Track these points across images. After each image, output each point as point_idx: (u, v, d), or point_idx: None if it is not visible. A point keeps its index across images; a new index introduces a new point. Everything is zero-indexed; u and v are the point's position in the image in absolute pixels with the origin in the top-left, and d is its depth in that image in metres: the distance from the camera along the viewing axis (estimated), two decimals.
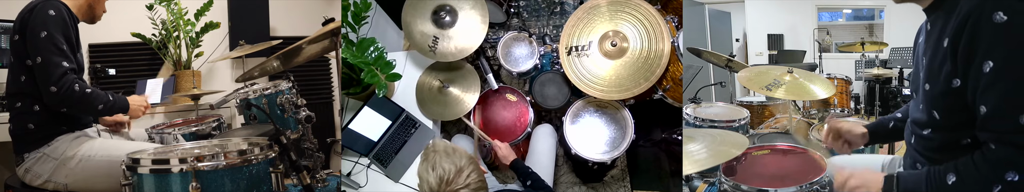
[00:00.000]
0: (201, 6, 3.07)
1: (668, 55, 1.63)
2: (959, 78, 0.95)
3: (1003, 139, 0.90)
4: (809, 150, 1.65)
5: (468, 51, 2.11)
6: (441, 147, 1.33)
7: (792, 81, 2.17)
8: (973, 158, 0.95)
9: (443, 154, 1.30)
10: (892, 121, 1.37)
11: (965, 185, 0.94)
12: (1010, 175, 0.88)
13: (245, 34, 3.22)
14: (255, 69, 2.20)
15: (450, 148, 1.33)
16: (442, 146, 1.33)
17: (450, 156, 1.29)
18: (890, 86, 3.87)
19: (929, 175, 1.00)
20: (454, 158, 1.29)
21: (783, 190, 1.46)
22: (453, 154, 1.30)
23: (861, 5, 5.62)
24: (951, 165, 0.98)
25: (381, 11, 2.57)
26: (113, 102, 1.64)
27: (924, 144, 1.12)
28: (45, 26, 1.56)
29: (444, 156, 1.30)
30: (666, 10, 1.86)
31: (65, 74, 1.54)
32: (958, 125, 1.01)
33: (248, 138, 1.79)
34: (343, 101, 2.55)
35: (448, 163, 1.27)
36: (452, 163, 1.27)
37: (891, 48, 4.32)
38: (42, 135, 1.66)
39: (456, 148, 1.34)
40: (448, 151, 1.31)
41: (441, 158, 1.29)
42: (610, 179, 2.09)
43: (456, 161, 1.28)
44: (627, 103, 1.88)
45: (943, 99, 1.01)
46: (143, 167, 1.48)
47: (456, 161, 1.28)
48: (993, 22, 0.88)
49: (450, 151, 1.31)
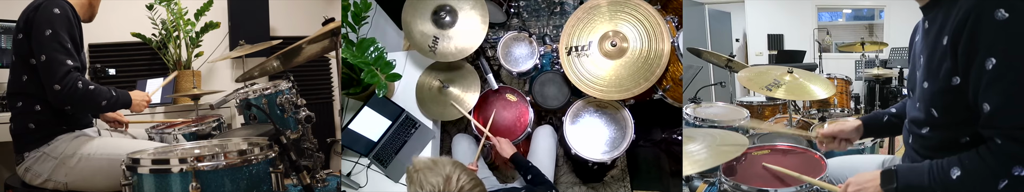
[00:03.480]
0: (201, 6, 3.07)
1: (668, 55, 1.63)
2: (959, 76, 0.95)
3: (1009, 135, 0.90)
4: (809, 150, 1.65)
5: (468, 51, 2.11)
6: (421, 165, 1.27)
7: (792, 81, 2.17)
8: (978, 152, 0.94)
9: (426, 171, 1.24)
10: (886, 115, 1.38)
11: (971, 179, 0.93)
12: (1017, 169, 0.87)
13: (245, 34, 3.22)
14: (255, 69, 2.20)
15: (431, 162, 1.27)
16: (421, 163, 1.27)
17: (433, 169, 1.24)
18: (890, 86, 3.87)
19: (931, 169, 1.00)
20: (438, 170, 1.24)
21: (783, 190, 1.47)
22: (435, 167, 1.25)
23: (861, 5, 5.62)
24: (955, 159, 0.97)
25: (381, 11, 2.57)
26: (116, 97, 1.64)
27: (922, 143, 1.12)
28: (50, 24, 1.55)
29: (428, 172, 1.23)
30: (666, 10, 1.86)
31: (69, 72, 1.55)
32: (957, 123, 1.01)
33: (248, 138, 1.79)
34: (343, 101, 2.55)
35: (433, 177, 1.23)
36: (438, 175, 1.23)
37: (891, 48, 4.33)
38: (42, 134, 1.66)
39: (436, 160, 1.28)
40: (429, 166, 1.26)
41: (425, 175, 1.23)
42: (610, 179, 2.09)
43: (440, 172, 1.24)
44: (627, 103, 1.88)
45: (942, 97, 1.01)
46: (143, 167, 1.48)
47: (440, 172, 1.24)
48: (995, 19, 0.88)
49: (431, 165, 1.26)
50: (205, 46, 3.15)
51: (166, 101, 2.98)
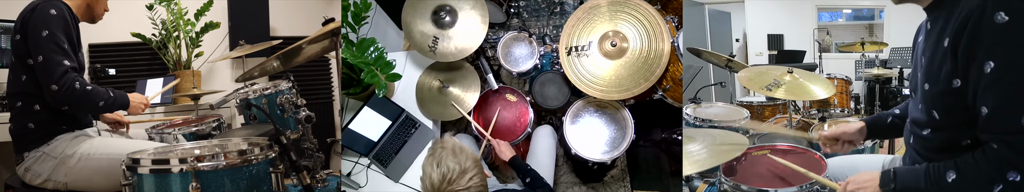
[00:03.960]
0: (201, 6, 3.07)
1: (668, 55, 1.63)
2: (959, 78, 0.95)
3: (1004, 140, 0.90)
4: (809, 150, 1.65)
5: (468, 51, 2.11)
6: (450, 144, 1.31)
7: (792, 81, 2.17)
8: (974, 157, 0.95)
9: (450, 152, 1.28)
10: (890, 117, 1.37)
11: (966, 183, 0.94)
12: (1012, 175, 0.87)
13: (245, 34, 3.22)
14: (255, 69, 2.20)
15: (458, 147, 1.31)
16: (451, 144, 1.31)
17: (457, 156, 1.28)
18: (890, 86, 3.87)
19: (928, 171, 1.00)
20: (461, 158, 1.28)
21: (783, 190, 1.47)
22: (460, 154, 1.29)
23: (861, 5, 5.62)
24: (951, 163, 0.98)
25: (381, 11, 2.57)
26: (114, 98, 1.65)
27: (923, 144, 1.12)
28: (47, 25, 1.56)
29: (450, 154, 1.28)
30: (666, 10, 1.86)
31: (66, 73, 1.55)
32: (958, 125, 1.01)
33: (248, 138, 1.79)
34: (343, 101, 2.55)
35: (454, 162, 1.26)
36: (458, 163, 1.26)
37: (891, 48, 4.32)
38: (42, 134, 1.67)
39: (464, 148, 1.32)
40: (456, 150, 1.29)
41: (447, 156, 1.28)
42: (610, 179, 2.09)
43: (462, 161, 1.27)
44: (627, 103, 1.88)
45: (943, 99, 1.00)
46: (143, 167, 1.48)
47: (462, 161, 1.27)
48: (994, 22, 0.87)
49: (458, 150, 1.30)
50: (205, 46, 3.15)
51: (166, 101, 2.98)
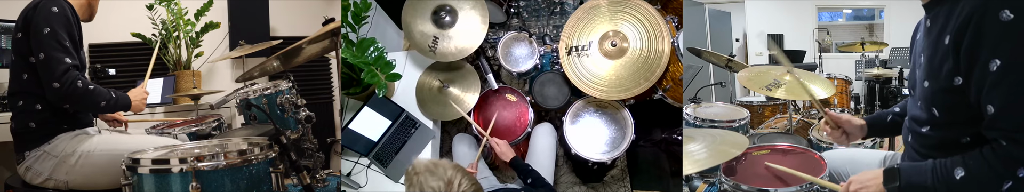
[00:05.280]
0: (201, 6, 3.08)
1: (668, 55, 1.63)
2: (961, 76, 0.94)
3: (1013, 137, 0.89)
4: (809, 150, 1.65)
5: (468, 51, 2.11)
6: (421, 167, 1.24)
7: (792, 81, 2.16)
8: (982, 154, 0.94)
9: (427, 174, 1.22)
10: (890, 115, 1.36)
11: (974, 180, 0.93)
12: (1022, 171, 0.87)
13: (245, 34, 3.22)
14: (255, 69, 2.20)
15: (431, 165, 1.25)
16: (422, 166, 1.25)
17: (434, 173, 1.22)
18: (890, 86, 3.87)
19: (934, 168, 0.99)
20: (439, 174, 1.21)
21: (783, 190, 1.47)
22: (437, 170, 1.23)
23: (861, 5, 5.62)
24: (959, 159, 0.97)
25: (381, 11, 2.57)
26: (115, 99, 1.64)
27: (922, 142, 1.11)
28: (49, 23, 1.56)
29: (428, 175, 1.21)
30: (666, 10, 1.86)
31: (68, 70, 1.55)
32: (958, 123, 1.00)
33: (248, 138, 1.80)
34: (343, 101, 2.55)
35: (434, 181, 1.21)
36: (439, 179, 1.21)
37: (891, 48, 4.32)
38: (43, 133, 1.66)
39: (437, 163, 1.26)
40: (430, 169, 1.24)
41: (426, 178, 1.20)
42: (610, 179, 2.09)
43: (441, 176, 1.22)
44: (627, 103, 1.88)
45: (943, 97, 1.00)
46: (143, 167, 1.48)
47: (441, 176, 1.22)
48: (999, 20, 0.86)
49: (432, 168, 1.24)
50: (205, 46, 3.15)
51: (166, 101, 2.98)
